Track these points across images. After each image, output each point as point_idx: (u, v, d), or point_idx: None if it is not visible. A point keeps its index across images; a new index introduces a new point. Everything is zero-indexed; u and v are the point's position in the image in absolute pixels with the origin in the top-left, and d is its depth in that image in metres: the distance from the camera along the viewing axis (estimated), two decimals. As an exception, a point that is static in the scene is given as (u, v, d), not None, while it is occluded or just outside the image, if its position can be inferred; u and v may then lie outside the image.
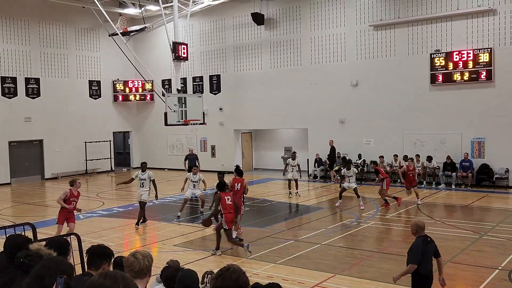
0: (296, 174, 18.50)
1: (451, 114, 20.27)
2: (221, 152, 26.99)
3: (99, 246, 4.67)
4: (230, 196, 11.36)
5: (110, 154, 28.52)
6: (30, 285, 2.96)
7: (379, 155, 21.48)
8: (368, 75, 22.13)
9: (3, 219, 15.13)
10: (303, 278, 9.39)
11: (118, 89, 28.97)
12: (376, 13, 21.84)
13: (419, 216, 14.84)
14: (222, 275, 3.30)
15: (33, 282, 2.96)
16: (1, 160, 24.03)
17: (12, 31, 24.47)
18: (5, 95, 24.21)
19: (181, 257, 10.98)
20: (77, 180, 12.18)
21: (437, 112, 20.53)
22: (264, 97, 25.18)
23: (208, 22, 26.88)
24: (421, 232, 6.88)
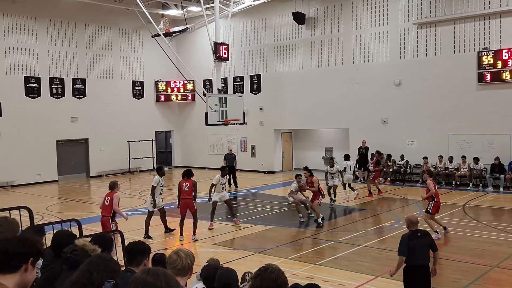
0: (336, 181, 17.25)
1: (499, 114, 19.56)
2: (261, 152, 27.03)
3: (137, 242, 4.75)
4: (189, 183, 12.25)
5: (152, 153, 29.05)
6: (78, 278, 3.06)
7: (422, 156, 21.02)
8: (412, 74, 21.65)
9: (50, 215, 15.64)
10: (343, 279, 9.27)
11: (160, 89, 29.47)
12: (420, 11, 21.34)
13: (465, 219, 14.40)
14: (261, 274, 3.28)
15: (81, 275, 3.06)
16: (49, 158, 24.88)
17: (59, 33, 25.29)
18: (53, 96, 25.05)
19: (220, 256, 11.05)
20: (118, 182, 11.81)
21: (485, 112, 19.85)
22: (304, 97, 25.04)
23: (249, 22, 26.98)
24: (412, 226, 7.29)
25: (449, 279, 8.97)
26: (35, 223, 7.99)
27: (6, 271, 2.64)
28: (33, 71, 24.30)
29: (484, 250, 11.02)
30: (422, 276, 7.11)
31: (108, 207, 10.95)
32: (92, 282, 3.04)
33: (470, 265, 9.98)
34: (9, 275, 2.63)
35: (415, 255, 7.07)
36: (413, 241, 7.13)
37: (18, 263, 2.69)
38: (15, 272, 2.66)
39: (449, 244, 11.69)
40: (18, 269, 2.68)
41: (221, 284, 4.12)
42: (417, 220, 7.37)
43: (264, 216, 15.53)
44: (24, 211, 7.51)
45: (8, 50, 23.44)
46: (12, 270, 2.66)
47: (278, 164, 27.06)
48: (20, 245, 2.74)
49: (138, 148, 28.13)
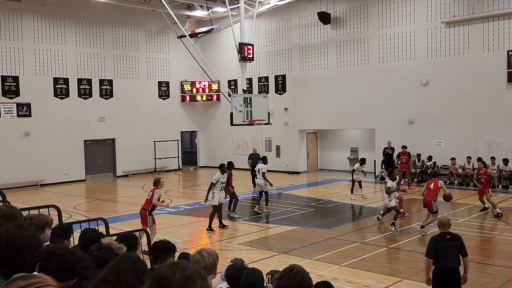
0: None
1: (530, 114, 19.08)
2: (286, 152, 26.97)
3: (162, 241, 4.80)
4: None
5: (177, 153, 29.29)
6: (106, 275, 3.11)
7: (450, 157, 20.66)
8: (439, 74, 21.29)
9: (78, 214, 15.92)
10: (369, 281, 9.17)
11: (186, 90, 29.69)
12: (448, 9, 20.97)
13: (495, 221, 14.09)
14: (286, 275, 3.27)
15: (109, 273, 3.12)
16: (77, 158, 25.34)
17: (87, 35, 25.73)
18: (81, 96, 25.49)
19: (245, 256, 11.06)
20: (161, 179, 12.24)
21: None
22: (329, 97, 24.89)
23: (274, 23, 26.95)
24: (443, 228, 7.20)
25: (478, 281, 8.79)
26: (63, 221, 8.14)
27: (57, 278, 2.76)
28: (61, 72, 24.78)
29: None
30: (450, 279, 6.99)
31: (149, 201, 11.69)
32: (119, 281, 3.08)
33: (499, 268, 9.76)
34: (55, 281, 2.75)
35: (442, 257, 6.97)
36: (440, 242, 7.03)
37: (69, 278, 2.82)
38: (61, 282, 2.77)
39: (477, 246, 11.45)
40: (64, 281, 2.79)
41: (246, 284, 4.12)
42: (448, 222, 7.26)
43: (288, 216, 15.49)
44: (53, 209, 7.65)
45: (37, 51, 23.95)
46: (61, 280, 2.78)
47: (303, 164, 26.96)
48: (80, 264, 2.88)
49: (164, 148, 28.40)
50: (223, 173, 13.96)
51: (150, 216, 11.69)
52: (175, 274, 2.26)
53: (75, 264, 2.87)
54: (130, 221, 14.83)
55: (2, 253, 2.96)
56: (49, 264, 2.78)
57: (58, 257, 2.82)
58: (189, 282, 2.23)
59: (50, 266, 2.77)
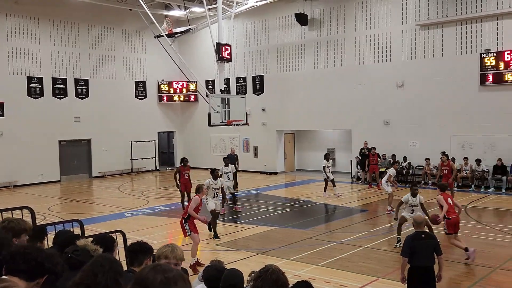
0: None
1: (501, 115, 19.53)
2: (263, 153, 27.03)
3: (139, 243, 4.76)
4: None
5: (155, 154, 29.07)
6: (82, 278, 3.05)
7: (425, 157, 21.00)
8: (414, 75, 21.63)
9: (52, 216, 15.66)
10: (345, 281, 9.26)
11: (163, 90, 29.50)
12: (423, 12, 21.32)
13: (468, 221, 14.37)
14: (262, 276, 3.29)
15: (86, 276, 3.05)
16: (51, 159, 24.92)
17: (62, 33, 25.34)
18: (56, 96, 25.09)
19: (222, 257, 11.06)
20: (204, 186, 11.20)
21: (487, 113, 19.82)
22: (307, 98, 25.04)
23: (251, 23, 26.99)
24: (418, 227, 7.32)
25: (452, 280, 8.96)
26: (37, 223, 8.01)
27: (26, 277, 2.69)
28: (35, 71, 24.35)
29: (486, 252, 10.99)
30: (425, 278, 7.11)
31: (186, 208, 10.81)
32: (97, 284, 3.03)
33: (472, 267, 9.96)
34: (25, 282, 2.68)
35: (418, 256, 7.09)
36: (416, 242, 7.14)
37: (38, 276, 2.75)
38: (30, 282, 2.71)
39: (451, 245, 11.66)
40: (34, 280, 2.73)
41: (227, 285, 4.11)
42: (422, 221, 7.36)
43: (266, 217, 15.53)
44: (26, 211, 7.52)
45: (10, 50, 23.49)
46: (30, 279, 2.71)
47: (281, 165, 27.06)
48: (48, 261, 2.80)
49: (141, 148, 28.16)
50: (215, 179, 13.36)
51: (187, 224, 10.46)
52: (156, 276, 2.25)
53: (43, 262, 2.80)
54: (106, 222, 14.67)
55: None
56: (15, 265, 2.71)
57: (24, 256, 2.75)
58: (170, 283, 2.22)
59: (17, 267, 2.70)
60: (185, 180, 16.35)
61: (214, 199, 13.19)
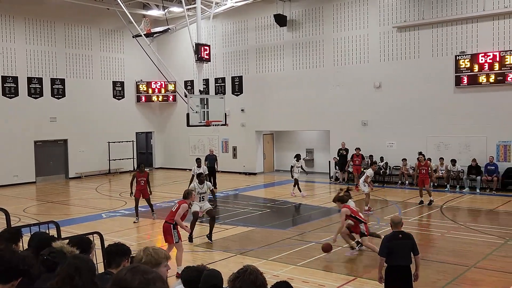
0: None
1: (476, 116, 19.92)
2: (242, 153, 27.03)
3: (116, 244, 4.72)
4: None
5: (133, 154, 28.82)
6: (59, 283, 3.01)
7: (402, 157, 21.28)
8: (391, 77, 21.91)
9: (28, 217, 15.40)
10: (324, 280, 9.33)
11: (141, 90, 29.27)
12: (400, 15, 21.61)
13: (443, 220, 14.62)
14: (240, 276, 3.29)
15: (62, 281, 3.01)
16: (27, 159, 24.49)
17: (38, 32, 24.94)
18: (31, 95, 24.67)
19: (201, 258, 11.04)
20: (193, 192, 11.00)
21: (462, 114, 20.20)
22: (286, 99, 25.13)
23: (230, 24, 26.97)
24: (395, 227, 7.37)
25: (428, 279, 9.10)
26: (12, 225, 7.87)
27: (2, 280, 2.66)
28: (10, 71, 23.90)
29: (461, 251, 11.20)
30: (402, 277, 7.20)
31: (173, 213, 10.16)
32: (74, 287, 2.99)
33: (448, 265, 10.13)
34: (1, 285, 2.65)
35: (395, 256, 7.17)
36: (393, 242, 7.23)
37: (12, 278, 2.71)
38: (4, 284, 2.68)
39: (427, 244, 11.85)
40: (8, 282, 2.70)
41: (207, 285, 4.10)
42: (400, 221, 7.44)
43: (245, 217, 15.54)
44: (0, 213, 7.39)
45: (-15, 49, 23.02)
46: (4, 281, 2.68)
47: (260, 165, 27.10)
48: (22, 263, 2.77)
49: (119, 149, 27.88)
50: (201, 183, 12.86)
51: (176, 231, 10.00)
52: (135, 277, 2.23)
53: (17, 264, 2.76)
54: (83, 224, 14.49)
55: None
56: None
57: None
58: (149, 284, 2.21)
59: None
60: (142, 187, 14.89)
61: (199, 203, 12.70)
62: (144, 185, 14.95)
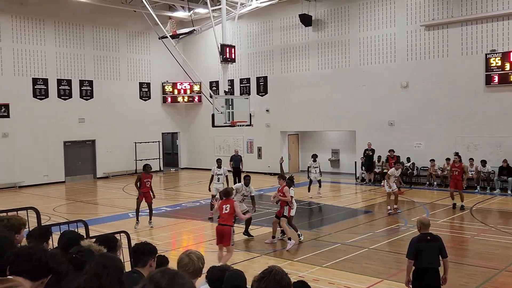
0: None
1: (507, 116, 19.44)
2: (267, 154, 27.01)
3: (143, 243, 4.77)
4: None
5: (159, 155, 29.11)
6: (87, 282, 3.06)
7: (429, 158, 20.93)
8: (419, 76, 21.57)
9: (57, 216, 15.70)
10: (349, 282, 9.23)
11: (167, 91, 29.55)
12: (428, 13, 21.27)
13: (473, 222, 14.32)
14: (265, 277, 3.26)
15: (90, 280, 3.06)
16: (56, 159, 25.00)
17: (67, 35, 25.43)
18: (61, 97, 25.17)
19: (227, 258, 11.04)
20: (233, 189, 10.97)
21: (493, 114, 19.74)
22: (311, 99, 25.01)
23: (255, 24, 27.00)
24: (424, 229, 7.21)
25: (457, 282, 8.92)
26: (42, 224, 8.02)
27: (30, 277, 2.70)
28: (41, 73, 24.43)
29: (491, 254, 10.94)
30: (430, 280, 7.05)
31: (229, 215, 10.02)
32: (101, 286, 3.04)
33: (477, 269, 9.91)
34: (30, 281, 2.70)
35: (423, 258, 7.03)
36: (421, 244, 7.08)
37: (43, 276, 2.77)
38: (34, 281, 2.73)
39: (456, 247, 11.62)
40: (38, 280, 2.75)
41: (229, 285, 4.10)
42: (428, 223, 7.29)
43: (270, 218, 15.47)
44: (31, 211, 7.53)
45: (16, 51, 23.58)
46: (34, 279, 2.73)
47: (285, 166, 26.97)
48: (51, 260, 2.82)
49: (145, 149, 28.20)
50: (246, 185, 13.00)
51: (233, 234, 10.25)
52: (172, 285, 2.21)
53: (47, 262, 2.81)
54: (110, 223, 14.69)
55: None
56: (19, 265, 2.73)
57: (27, 257, 2.77)
58: None
59: (21, 267, 2.72)
60: (147, 189, 14.46)
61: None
62: (149, 186, 14.54)
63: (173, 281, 2.14)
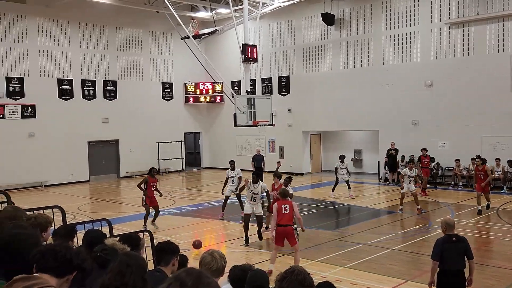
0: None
1: (535, 115, 19.00)
2: (289, 154, 26.94)
3: (166, 242, 4.80)
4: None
5: (181, 154, 29.31)
6: (111, 280, 3.10)
7: (454, 158, 20.60)
8: (444, 75, 21.24)
9: (82, 215, 15.94)
10: (372, 283, 9.14)
11: (189, 91, 29.73)
12: (453, 10, 20.92)
13: (499, 223, 14.04)
14: (287, 277, 3.25)
15: (114, 278, 3.10)
16: (81, 159, 25.39)
17: (91, 36, 25.80)
18: (85, 97, 25.55)
19: (248, 257, 11.07)
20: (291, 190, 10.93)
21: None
22: (333, 98, 24.86)
23: (277, 24, 26.96)
24: (450, 230, 7.07)
25: (482, 284, 8.75)
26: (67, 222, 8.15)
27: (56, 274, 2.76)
28: (65, 74, 24.84)
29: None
30: (455, 282, 6.93)
31: (289, 216, 9.94)
32: (125, 284, 3.07)
33: (504, 271, 9.72)
34: (55, 278, 2.75)
35: (448, 260, 6.91)
36: (446, 245, 6.94)
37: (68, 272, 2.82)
38: (60, 278, 2.78)
39: (482, 248, 11.41)
40: (63, 276, 2.80)
41: (252, 285, 4.10)
42: (454, 224, 7.16)
43: (292, 218, 15.43)
44: (57, 210, 7.66)
45: (42, 53, 24.02)
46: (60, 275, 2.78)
47: (307, 166, 26.94)
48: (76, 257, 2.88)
49: (167, 149, 28.43)
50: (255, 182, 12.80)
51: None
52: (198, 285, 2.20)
53: (71, 258, 2.87)
54: (133, 222, 14.86)
55: (1, 254, 2.96)
56: (45, 262, 2.78)
57: (53, 254, 2.82)
58: None
59: (47, 265, 2.78)
60: (153, 193, 14.25)
61: (252, 203, 12.61)
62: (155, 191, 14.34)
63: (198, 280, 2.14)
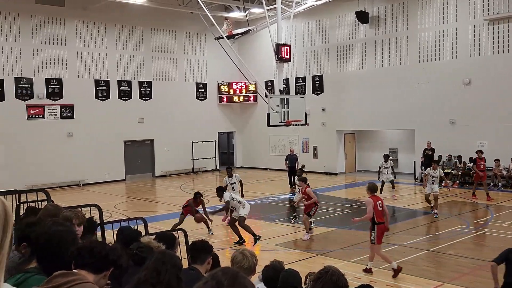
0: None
1: None
2: (323, 153, 26.76)
3: (201, 241, 4.83)
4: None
5: (215, 154, 29.51)
6: (147, 277, 3.16)
7: (494, 158, 20.01)
8: (483, 72, 20.66)
9: (118, 213, 16.24)
10: (408, 285, 8.98)
11: (223, 91, 29.90)
12: (492, 6, 20.33)
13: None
14: (322, 277, 3.24)
15: (150, 274, 3.16)
16: (117, 158, 25.89)
17: (127, 38, 26.28)
18: (121, 98, 26.04)
19: (281, 257, 11.04)
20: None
21: None
22: (368, 97, 24.54)
23: (311, 23, 26.80)
24: None
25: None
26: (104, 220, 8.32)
27: (93, 270, 2.84)
28: (102, 75, 25.38)
29: None
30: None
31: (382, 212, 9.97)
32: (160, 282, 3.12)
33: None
34: (93, 274, 2.83)
35: (510, 271, 6.39)
36: (510, 254, 6.43)
37: (104, 268, 2.90)
38: (97, 274, 2.85)
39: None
40: (101, 272, 2.87)
41: (284, 285, 4.10)
42: None
43: (326, 218, 15.35)
44: (94, 208, 7.83)
45: (79, 55, 24.61)
46: (97, 271, 2.86)
47: (341, 165, 26.69)
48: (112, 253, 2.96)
49: (201, 148, 28.67)
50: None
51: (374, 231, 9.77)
52: None
53: (108, 254, 2.94)
54: (168, 220, 15.02)
55: (41, 250, 3.04)
56: (82, 259, 2.85)
57: (90, 250, 2.90)
58: None
59: (84, 261, 2.85)
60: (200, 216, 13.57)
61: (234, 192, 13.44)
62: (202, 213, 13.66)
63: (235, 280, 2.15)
